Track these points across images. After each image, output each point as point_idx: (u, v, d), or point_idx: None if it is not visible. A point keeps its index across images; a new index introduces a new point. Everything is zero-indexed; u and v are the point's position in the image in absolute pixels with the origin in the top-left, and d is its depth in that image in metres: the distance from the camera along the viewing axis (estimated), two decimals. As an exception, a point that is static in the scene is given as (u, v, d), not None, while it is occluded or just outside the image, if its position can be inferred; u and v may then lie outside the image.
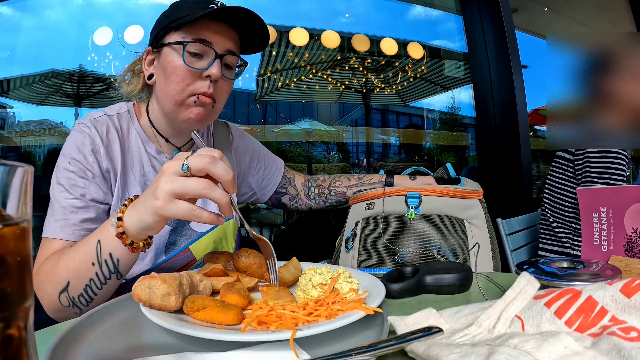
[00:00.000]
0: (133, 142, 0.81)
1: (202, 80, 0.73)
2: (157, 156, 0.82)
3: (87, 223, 0.72)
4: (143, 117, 0.83)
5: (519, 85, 2.28)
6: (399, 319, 0.43)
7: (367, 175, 1.02)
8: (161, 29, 0.75)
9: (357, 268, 0.83)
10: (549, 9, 3.16)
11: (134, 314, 0.50)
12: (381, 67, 2.70)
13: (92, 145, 0.75)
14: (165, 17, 0.75)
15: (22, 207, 0.26)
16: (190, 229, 0.84)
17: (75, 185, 0.73)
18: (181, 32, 0.73)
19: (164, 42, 0.74)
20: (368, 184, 1.00)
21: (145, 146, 0.81)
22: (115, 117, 0.80)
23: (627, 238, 0.68)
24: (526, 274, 0.42)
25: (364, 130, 2.78)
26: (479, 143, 2.55)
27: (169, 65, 0.73)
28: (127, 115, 0.82)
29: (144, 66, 0.79)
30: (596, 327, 0.34)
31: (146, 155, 0.81)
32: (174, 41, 0.73)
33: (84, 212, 0.72)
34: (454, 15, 2.72)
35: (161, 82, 0.76)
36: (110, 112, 0.81)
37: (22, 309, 0.26)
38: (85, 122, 0.77)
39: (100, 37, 2.25)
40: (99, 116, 0.79)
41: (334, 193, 1.04)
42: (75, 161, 0.74)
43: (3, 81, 2.23)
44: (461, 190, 0.83)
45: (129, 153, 0.80)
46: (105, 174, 0.76)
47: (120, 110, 0.82)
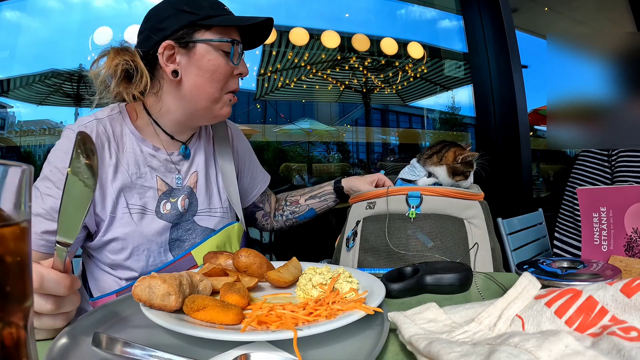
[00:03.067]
0: (127, 143, 0.79)
1: (233, 78, 0.79)
2: (156, 153, 0.80)
3: (48, 235, 0.70)
4: (139, 116, 0.81)
5: (519, 85, 2.28)
6: (399, 313, 0.43)
7: (318, 185, 1.07)
8: (186, 25, 0.73)
9: (358, 267, 0.83)
10: (549, 9, 3.16)
11: (134, 314, 0.50)
12: (381, 67, 2.70)
13: None
14: (186, 13, 0.73)
15: (22, 207, 0.26)
16: (195, 224, 0.84)
17: (48, 195, 0.70)
18: (213, 32, 0.75)
19: (195, 38, 0.74)
20: (319, 188, 1.05)
21: (140, 146, 0.79)
22: (106, 120, 0.78)
23: (627, 238, 0.68)
24: (528, 274, 0.42)
25: (364, 130, 2.78)
26: (479, 143, 2.55)
27: (209, 64, 0.74)
28: (118, 117, 0.80)
29: (163, 62, 0.74)
30: (596, 327, 0.34)
31: (142, 155, 0.79)
32: (213, 39, 0.74)
33: (48, 224, 0.70)
34: (454, 15, 2.72)
35: (195, 80, 0.75)
36: (101, 116, 0.78)
37: (22, 309, 0.26)
38: (73, 128, 0.76)
39: (100, 37, 2.25)
40: (88, 121, 0.77)
41: (289, 202, 1.07)
42: (56, 170, 0.72)
43: (3, 81, 2.23)
44: (462, 192, 0.83)
45: (124, 155, 0.78)
46: None
47: (111, 113, 0.79)
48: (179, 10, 0.74)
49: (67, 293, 0.44)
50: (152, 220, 0.78)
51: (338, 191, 1.02)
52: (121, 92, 0.75)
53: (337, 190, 1.02)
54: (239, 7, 2.45)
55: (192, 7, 0.74)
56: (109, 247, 0.76)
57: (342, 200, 1.04)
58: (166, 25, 0.74)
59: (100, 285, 0.79)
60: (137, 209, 0.77)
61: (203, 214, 0.85)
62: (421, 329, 0.40)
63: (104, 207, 0.75)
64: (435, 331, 0.40)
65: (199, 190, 0.85)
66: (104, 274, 0.79)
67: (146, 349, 0.37)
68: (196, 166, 0.86)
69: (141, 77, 0.75)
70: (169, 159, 0.82)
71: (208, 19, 0.74)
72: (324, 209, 1.05)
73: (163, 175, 0.81)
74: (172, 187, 0.82)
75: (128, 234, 0.75)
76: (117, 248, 0.76)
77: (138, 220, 0.77)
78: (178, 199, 0.82)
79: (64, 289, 0.43)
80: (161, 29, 0.74)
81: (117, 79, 0.74)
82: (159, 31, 0.74)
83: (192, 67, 0.75)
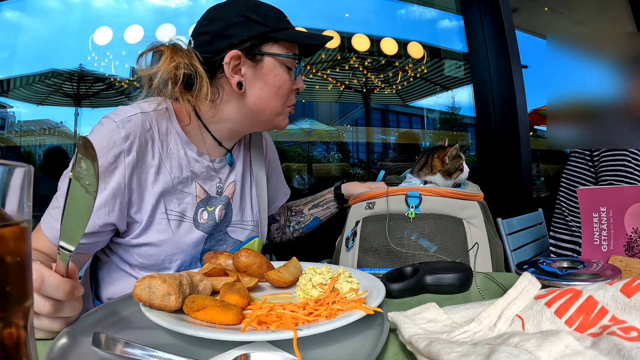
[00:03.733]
0: (172, 143, 0.73)
1: (292, 93, 0.78)
2: (199, 158, 0.76)
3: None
4: (187, 118, 0.75)
5: (519, 85, 2.28)
6: (399, 313, 0.43)
7: (319, 193, 1.07)
8: (256, 36, 0.70)
9: (358, 267, 0.83)
10: (549, 9, 3.16)
11: (134, 313, 0.50)
12: (381, 67, 2.69)
13: (114, 155, 0.65)
14: (255, 23, 0.70)
15: (22, 207, 0.26)
16: (227, 235, 0.82)
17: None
18: (280, 46, 0.73)
19: (264, 51, 0.72)
20: (320, 196, 1.04)
21: (185, 148, 0.74)
22: (152, 115, 0.71)
23: (627, 238, 0.68)
24: (528, 274, 0.42)
25: (364, 130, 2.78)
26: (479, 143, 2.55)
27: (275, 79, 0.73)
28: (165, 114, 0.73)
29: (229, 72, 0.70)
30: (596, 327, 0.34)
31: (185, 159, 0.74)
32: (281, 54, 0.73)
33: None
34: (454, 15, 2.72)
35: (260, 94, 0.73)
36: (147, 109, 0.71)
37: (22, 309, 0.26)
38: (115, 120, 0.66)
39: (100, 37, 2.25)
40: (133, 114, 0.68)
41: (294, 213, 1.07)
42: None
43: (3, 81, 2.23)
44: (461, 192, 0.83)
45: (167, 156, 0.72)
46: (119, 189, 0.67)
47: (158, 107, 0.72)
48: (248, 18, 0.70)
49: (66, 298, 0.43)
50: (190, 230, 0.75)
51: (339, 197, 1.01)
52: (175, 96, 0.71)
53: (337, 197, 1.02)
54: (239, 7, 2.45)
55: (261, 17, 0.70)
56: (140, 249, 0.72)
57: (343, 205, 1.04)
58: (233, 33, 0.70)
59: (115, 286, 0.74)
60: (175, 215, 0.73)
61: (236, 226, 0.83)
62: (421, 329, 0.40)
63: (140, 210, 0.70)
64: (435, 331, 0.40)
65: (234, 201, 0.83)
66: (123, 275, 0.74)
67: (146, 349, 0.37)
68: (235, 176, 0.83)
69: (201, 84, 0.70)
70: (211, 166, 0.78)
71: (277, 32, 0.72)
72: (328, 216, 1.04)
73: (202, 182, 0.77)
74: (210, 195, 0.78)
75: (163, 241, 0.72)
76: (149, 253, 0.72)
77: (175, 228, 0.73)
78: (216, 209, 0.79)
79: (62, 294, 0.42)
80: (228, 36, 0.70)
81: (179, 85, 0.69)
82: (225, 38, 0.70)
83: (258, 81, 0.72)
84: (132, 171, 0.67)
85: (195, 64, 0.69)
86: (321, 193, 1.05)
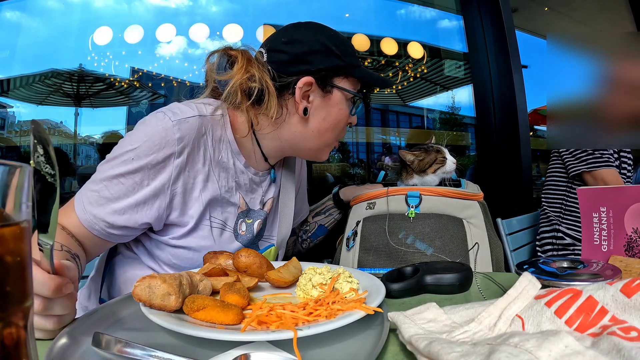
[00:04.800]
0: (223, 152, 0.71)
1: (345, 126, 0.78)
2: (245, 170, 0.75)
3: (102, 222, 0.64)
4: (241, 129, 0.73)
5: (519, 85, 2.28)
6: (399, 313, 0.43)
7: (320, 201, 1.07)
8: (332, 68, 0.70)
9: (358, 267, 0.83)
10: (549, 9, 3.16)
11: (134, 313, 0.50)
12: (381, 67, 2.69)
13: (165, 155, 0.63)
14: (334, 55, 0.70)
15: (22, 207, 0.26)
16: (257, 246, 0.82)
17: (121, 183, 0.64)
18: (349, 81, 0.73)
19: (335, 84, 0.72)
20: (321, 204, 1.05)
21: (234, 159, 0.73)
22: (209, 120, 0.68)
23: (627, 238, 0.68)
24: (528, 274, 0.42)
25: (364, 130, 2.78)
26: (479, 143, 2.55)
27: (338, 113, 0.73)
28: (221, 120, 0.71)
29: (299, 97, 0.70)
30: (596, 327, 0.34)
31: (233, 169, 0.73)
32: (349, 90, 0.73)
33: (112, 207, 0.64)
34: (454, 15, 2.72)
35: (321, 124, 0.73)
36: (205, 112, 0.68)
37: (21, 309, 0.26)
38: (172, 119, 0.64)
39: (100, 37, 2.25)
40: (190, 115, 0.66)
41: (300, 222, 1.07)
42: (138, 158, 0.63)
43: (3, 81, 2.23)
44: (461, 192, 0.83)
45: (218, 164, 0.71)
46: (162, 190, 0.65)
47: (215, 112, 0.70)
48: (328, 49, 0.70)
49: (52, 296, 0.41)
50: (231, 240, 0.75)
51: (338, 203, 1.02)
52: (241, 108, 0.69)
53: (337, 203, 1.02)
54: (239, 7, 2.45)
55: (340, 50, 0.71)
56: (177, 251, 0.71)
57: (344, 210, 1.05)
58: (313, 60, 0.69)
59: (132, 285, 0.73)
60: (219, 224, 0.73)
61: (265, 240, 0.84)
62: (421, 329, 0.40)
63: (183, 214, 0.69)
64: (435, 331, 0.40)
65: (270, 216, 0.84)
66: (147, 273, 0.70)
67: (146, 349, 0.37)
68: (273, 192, 0.84)
69: (270, 101, 0.68)
70: (255, 179, 0.78)
71: (351, 69, 0.72)
72: (332, 223, 1.04)
73: (245, 194, 0.77)
74: (250, 207, 0.79)
75: (204, 247, 0.71)
76: (187, 256, 0.71)
77: (217, 236, 0.73)
78: (254, 222, 0.79)
79: (47, 291, 0.40)
80: (307, 62, 0.69)
81: (252, 99, 0.68)
82: (303, 63, 0.69)
83: (322, 111, 0.72)
84: (179, 174, 0.66)
85: (267, 81, 0.68)
86: (322, 201, 1.06)
